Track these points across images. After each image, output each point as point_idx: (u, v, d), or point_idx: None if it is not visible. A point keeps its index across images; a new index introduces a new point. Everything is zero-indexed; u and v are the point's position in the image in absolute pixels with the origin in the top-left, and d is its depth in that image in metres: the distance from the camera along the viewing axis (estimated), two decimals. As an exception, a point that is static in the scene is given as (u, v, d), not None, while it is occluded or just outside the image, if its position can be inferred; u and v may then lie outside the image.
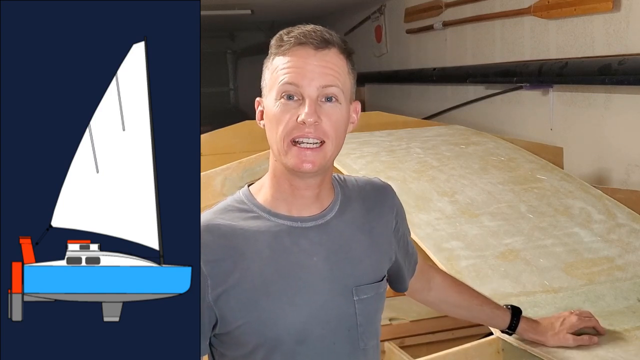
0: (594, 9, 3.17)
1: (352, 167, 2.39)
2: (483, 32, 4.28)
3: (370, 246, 1.35)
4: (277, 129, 1.22)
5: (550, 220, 2.13)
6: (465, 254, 1.93)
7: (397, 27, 5.52)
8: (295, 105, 1.22)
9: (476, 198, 2.22)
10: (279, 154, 1.24)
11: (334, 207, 1.33)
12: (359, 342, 1.31)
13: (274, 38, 1.27)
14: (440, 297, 1.56)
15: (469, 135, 2.91)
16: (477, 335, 2.10)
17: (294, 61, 1.22)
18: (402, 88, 5.64)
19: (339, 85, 1.24)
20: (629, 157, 3.09)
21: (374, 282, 1.33)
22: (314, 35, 1.24)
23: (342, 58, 1.27)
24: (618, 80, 2.97)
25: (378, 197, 1.40)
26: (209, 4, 5.70)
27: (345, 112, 1.26)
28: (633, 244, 2.04)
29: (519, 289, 1.81)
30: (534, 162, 2.56)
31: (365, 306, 1.31)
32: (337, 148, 1.26)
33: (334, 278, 1.28)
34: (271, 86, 1.25)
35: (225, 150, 3.15)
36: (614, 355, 1.56)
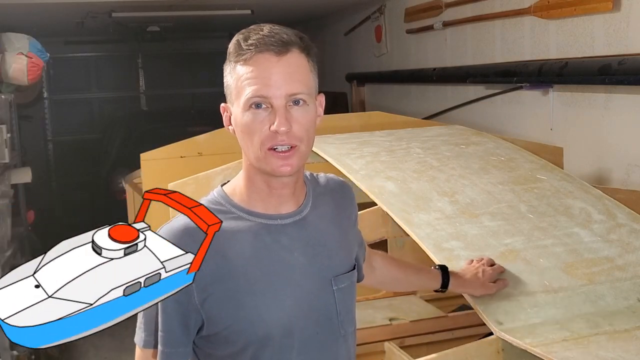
0: (594, 9, 3.16)
1: (352, 167, 2.39)
2: (483, 32, 4.28)
3: (342, 237, 1.41)
4: (251, 139, 1.26)
5: (550, 220, 2.13)
6: (465, 254, 1.93)
7: (397, 27, 5.52)
8: (265, 114, 1.24)
9: (476, 198, 2.22)
10: (257, 161, 1.27)
11: (307, 202, 1.37)
12: (339, 329, 1.36)
13: (231, 43, 1.29)
14: (383, 274, 1.65)
15: (469, 135, 2.91)
16: (477, 335, 2.10)
17: (257, 71, 1.24)
18: (402, 88, 5.63)
19: (305, 88, 1.26)
20: (629, 157, 3.09)
21: (348, 271, 1.39)
22: (273, 41, 1.24)
23: (303, 57, 1.28)
24: (618, 80, 2.97)
25: (342, 192, 1.47)
26: (209, 4, 5.70)
27: (313, 111, 1.30)
28: (633, 244, 2.04)
29: (519, 289, 1.81)
30: (534, 162, 2.56)
31: (343, 295, 1.36)
32: (309, 146, 1.31)
33: (314, 270, 1.33)
34: (237, 95, 1.27)
35: (225, 150, 3.15)
36: (614, 355, 1.56)
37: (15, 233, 4.45)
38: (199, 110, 7.99)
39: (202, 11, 6.03)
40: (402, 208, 2.12)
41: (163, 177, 2.71)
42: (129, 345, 1.74)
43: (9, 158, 4.15)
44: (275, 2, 5.91)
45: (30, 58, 4.54)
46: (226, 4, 5.62)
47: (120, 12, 5.65)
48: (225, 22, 7.28)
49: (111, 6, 5.48)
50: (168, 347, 1.26)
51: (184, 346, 1.27)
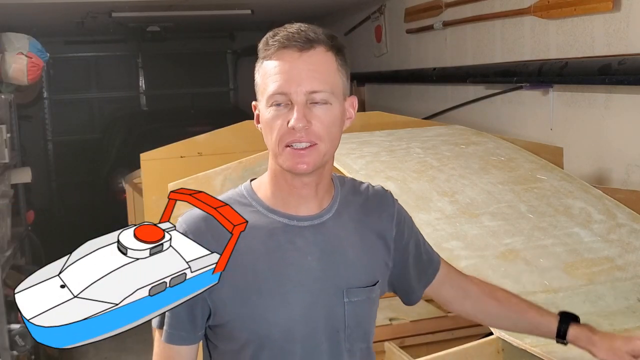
0: (594, 9, 3.16)
1: (352, 167, 2.39)
2: (483, 32, 4.28)
3: (364, 250, 1.34)
4: (271, 135, 1.25)
5: (550, 220, 2.13)
6: (465, 254, 1.93)
7: (397, 27, 5.51)
8: (285, 111, 1.23)
9: (476, 198, 2.22)
10: (275, 157, 1.27)
11: (331, 208, 1.33)
12: (344, 343, 1.31)
13: (261, 41, 1.29)
14: (477, 307, 1.50)
15: (469, 135, 2.91)
16: (477, 335, 2.10)
17: (280, 66, 1.24)
18: (402, 88, 5.63)
19: (327, 86, 1.24)
20: (629, 157, 3.09)
21: (366, 285, 1.32)
22: (298, 37, 1.24)
23: (330, 55, 1.26)
24: (618, 80, 2.97)
25: (377, 203, 1.40)
26: (209, 4, 5.70)
27: (338, 111, 1.27)
28: (633, 244, 2.04)
29: (519, 289, 1.81)
30: (534, 162, 2.56)
31: (355, 309, 1.31)
32: (332, 146, 1.27)
33: (326, 278, 1.29)
34: (262, 92, 1.27)
35: (225, 150, 3.15)
36: (614, 355, 1.56)
37: (15, 233, 4.45)
38: (199, 110, 7.99)
39: (202, 11, 6.02)
40: (402, 208, 2.12)
41: (163, 177, 2.71)
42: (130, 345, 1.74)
43: (9, 158, 4.14)
44: (275, 2, 5.90)
45: (30, 58, 4.54)
46: (226, 4, 5.62)
47: (120, 12, 5.65)
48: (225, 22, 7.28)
49: (111, 6, 5.48)
50: (171, 327, 1.26)
51: (186, 331, 1.27)
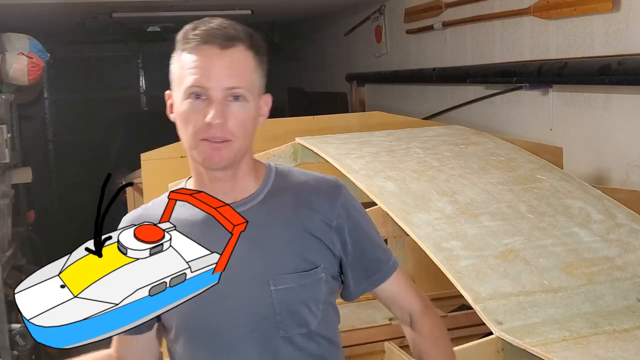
0: (594, 9, 3.16)
1: (351, 167, 2.39)
2: (483, 32, 4.28)
3: (295, 236, 1.33)
4: (186, 128, 1.27)
5: (550, 220, 2.13)
6: (464, 253, 1.93)
7: (397, 27, 5.52)
8: (203, 105, 1.25)
9: (476, 198, 2.22)
10: (190, 150, 1.29)
11: (255, 197, 1.34)
12: (277, 330, 1.30)
13: (180, 32, 1.30)
14: (413, 339, 1.48)
15: (468, 135, 2.91)
16: (477, 335, 2.10)
17: (200, 61, 1.25)
18: (402, 88, 5.63)
19: (245, 85, 1.26)
20: (629, 157, 3.09)
21: (296, 271, 1.31)
22: (219, 34, 1.26)
23: (249, 55, 1.28)
24: (618, 80, 2.97)
25: (320, 194, 1.38)
26: (209, 4, 5.70)
27: (253, 109, 1.29)
28: (633, 244, 2.04)
29: (519, 289, 1.81)
30: (533, 162, 2.56)
31: (284, 296, 1.30)
32: (245, 143, 1.30)
33: (251, 266, 1.29)
34: (179, 83, 1.29)
35: (225, 150, 3.14)
36: (613, 355, 1.56)
37: (16, 233, 4.45)
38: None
39: (202, 11, 6.02)
40: (402, 208, 2.13)
41: (163, 177, 2.71)
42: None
43: (9, 158, 4.15)
44: (275, 2, 5.91)
45: (30, 58, 4.54)
46: (226, 4, 5.62)
47: (120, 13, 5.65)
48: (225, 22, 7.27)
49: (111, 6, 5.48)
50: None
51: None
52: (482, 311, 1.73)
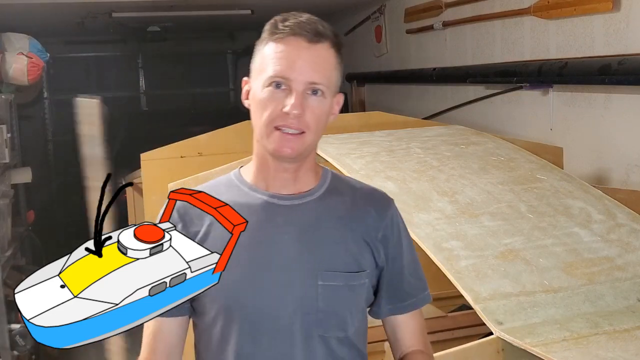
0: (594, 9, 3.16)
1: (352, 167, 2.39)
2: (483, 32, 4.28)
3: (348, 236, 1.33)
4: (262, 114, 1.27)
5: (550, 220, 2.13)
6: (464, 253, 1.93)
7: (397, 27, 5.52)
8: (282, 95, 1.26)
9: (476, 198, 2.22)
10: (261, 137, 1.29)
11: (315, 192, 1.35)
12: (316, 327, 1.29)
13: (268, 23, 1.31)
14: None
15: (469, 135, 2.91)
16: (477, 335, 2.10)
17: (286, 51, 1.27)
18: (402, 88, 5.63)
19: (326, 81, 1.28)
20: (629, 157, 3.09)
21: (345, 271, 1.30)
22: (308, 28, 1.28)
23: (332, 52, 1.30)
24: (618, 80, 2.97)
25: (373, 202, 1.39)
26: (209, 4, 5.70)
27: (328, 106, 1.30)
28: (633, 244, 2.04)
29: (519, 289, 1.81)
30: (534, 162, 2.56)
31: (330, 293, 1.29)
32: (316, 138, 1.30)
33: (302, 258, 1.29)
34: (261, 70, 1.29)
35: (225, 150, 3.15)
36: (614, 355, 1.56)
37: (16, 233, 4.45)
38: (199, 110, 7.97)
39: (202, 11, 6.02)
40: (402, 208, 2.11)
41: (163, 177, 2.72)
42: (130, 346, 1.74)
43: (9, 158, 4.15)
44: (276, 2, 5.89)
45: (30, 58, 4.54)
46: (226, 4, 5.62)
47: (120, 12, 5.65)
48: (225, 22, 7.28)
49: (111, 6, 5.48)
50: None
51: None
52: (482, 311, 1.73)
